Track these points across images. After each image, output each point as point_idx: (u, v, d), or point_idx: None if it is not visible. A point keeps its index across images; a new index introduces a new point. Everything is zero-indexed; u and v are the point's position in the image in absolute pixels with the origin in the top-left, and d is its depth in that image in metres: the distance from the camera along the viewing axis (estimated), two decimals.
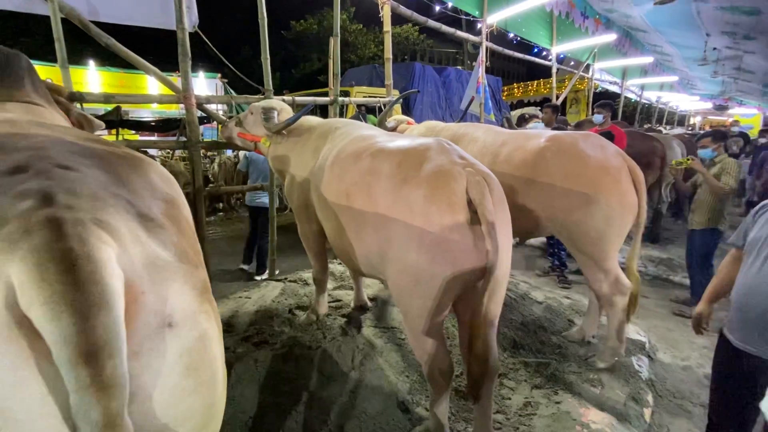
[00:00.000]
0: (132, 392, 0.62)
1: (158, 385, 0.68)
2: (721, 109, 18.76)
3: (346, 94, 6.47)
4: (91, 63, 10.18)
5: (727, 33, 7.25)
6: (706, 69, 10.11)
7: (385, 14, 4.24)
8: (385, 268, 1.69)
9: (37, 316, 0.56)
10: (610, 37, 8.04)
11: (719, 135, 4.08)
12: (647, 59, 10.11)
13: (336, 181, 1.94)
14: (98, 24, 2.75)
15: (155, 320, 0.69)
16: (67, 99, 1.46)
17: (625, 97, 11.88)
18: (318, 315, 2.82)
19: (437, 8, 5.70)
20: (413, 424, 2.01)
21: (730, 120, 16.67)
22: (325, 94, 5.17)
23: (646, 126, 12.55)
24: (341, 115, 4.34)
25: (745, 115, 18.62)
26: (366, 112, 5.84)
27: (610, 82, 11.58)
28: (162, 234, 0.76)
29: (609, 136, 3.97)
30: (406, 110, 7.21)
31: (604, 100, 5.04)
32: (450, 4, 5.38)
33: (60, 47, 2.49)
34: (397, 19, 4.70)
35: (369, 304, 3.07)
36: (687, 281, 4.43)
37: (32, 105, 1.20)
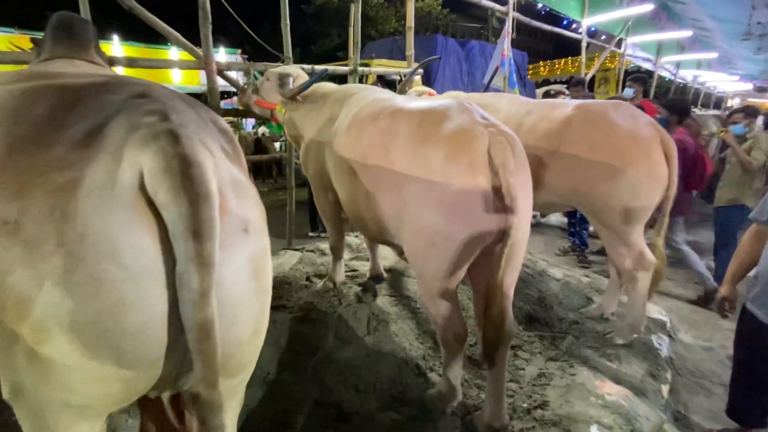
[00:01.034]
0: (216, 279, 0.75)
1: (233, 279, 0.82)
2: (762, 91, 17.63)
3: (365, 65, 6.36)
4: (115, 38, 10.31)
5: None
6: (749, 45, 9.44)
7: None
8: (401, 231, 1.67)
9: (162, 198, 0.73)
10: (647, 7, 7.55)
11: (751, 110, 3.90)
12: (685, 33, 9.49)
13: (352, 144, 1.91)
14: None
15: (236, 222, 0.83)
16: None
17: (659, 76, 11.27)
18: (334, 282, 2.85)
19: None
20: (427, 387, 2.04)
21: None
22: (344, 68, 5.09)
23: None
24: None
25: None
26: (385, 85, 5.74)
27: (644, 59, 10.96)
28: (237, 163, 0.94)
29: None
30: (427, 83, 7.03)
31: (636, 74, 4.79)
32: None
33: (84, 6, 2.51)
34: None
35: (384, 274, 3.08)
36: (712, 263, 4.28)
37: (94, 64, 1.41)
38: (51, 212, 0.71)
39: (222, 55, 10.71)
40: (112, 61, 2.57)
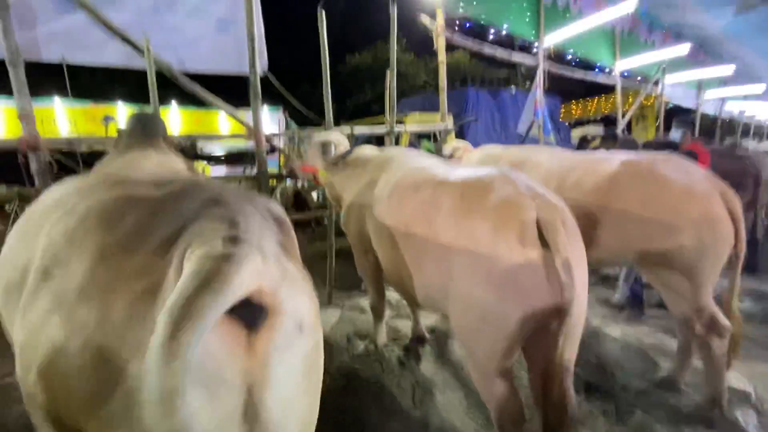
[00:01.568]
0: (269, 379, 0.77)
1: (285, 378, 0.82)
2: None
3: (400, 122, 6.61)
4: (173, 102, 11.48)
5: None
6: None
7: (440, 45, 4.32)
8: (448, 304, 1.63)
9: (185, 272, 0.73)
10: (683, 48, 7.45)
11: None
12: (727, 68, 9.21)
13: (395, 212, 1.93)
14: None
15: (292, 323, 0.84)
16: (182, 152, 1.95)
17: (703, 112, 10.87)
18: (376, 345, 2.78)
19: (491, 35, 5.69)
20: None
21: None
22: (379, 123, 5.32)
23: (728, 141, 11.32)
24: (396, 143, 4.42)
25: None
26: (419, 137, 5.90)
27: (684, 97, 10.67)
28: (293, 258, 0.96)
29: (691, 155, 3.62)
30: (460, 135, 7.16)
31: (682, 116, 4.63)
32: (505, 30, 5.36)
33: (153, 96, 2.83)
34: (450, 47, 4.77)
35: (427, 336, 2.98)
36: None
37: (162, 152, 1.65)
38: (129, 321, 0.75)
39: (265, 112, 11.54)
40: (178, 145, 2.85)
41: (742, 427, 2.25)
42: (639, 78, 8.84)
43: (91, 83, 14.81)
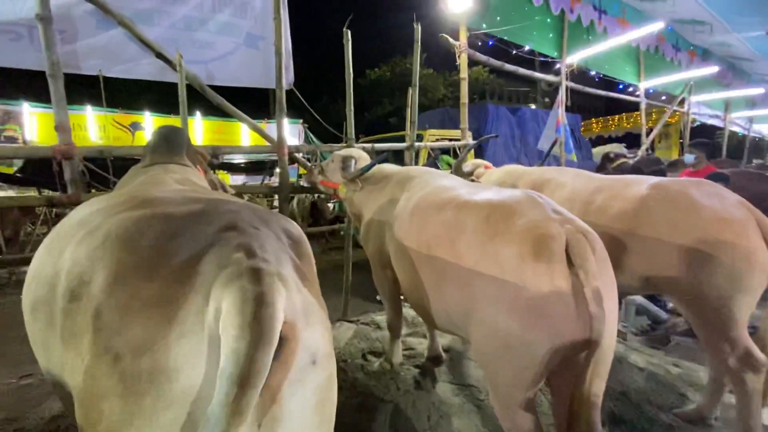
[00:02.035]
0: (281, 415, 0.76)
1: (297, 414, 0.80)
2: None
3: (419, 137, 6.63)
4: (198, 114, 11.85)
5: None
6: None
7: (462, 62, 4.34)
8: (469, 329, 1.59)
9: (226, 336, 0.72)
10: (710, 69, 7.31)
11: None
12: (757, 90, 8.98)
13: (416, 232, 1.92)
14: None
15: (306, 356, 0.82)
16: (207, 164, 1.99)
17: (730, 131, 10.58)
18: (391, 364, 2.74)
19: (513, 51, 5.70)
20: None
21: None
22: (400, 138, 5.35)
23: (757, 162, 10.96)
24: (415, 158, 4.42)
25: None
26: (439, 152, 5.90)
27: (710, 116, 10.42)
28: (308, 283, 0.92)
29: (721, 178, 3.50)
30: (480, 151, 7.14)
31: (700, 138, 4.51)
32: (528, 48, 5.36)
33: (183, 108, 2.93)
34: (470, 62, 4.79)
35: (444, 355, 2.92)
36: None
37: (185, 167, 1.66)
38: (145, 350, 0.74)
39: (285, 125, 11.79)
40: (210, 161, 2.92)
41: None
42: (663, 96, 8.69)
43: (120, 92, 15.43)
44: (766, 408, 2.28)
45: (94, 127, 9.32)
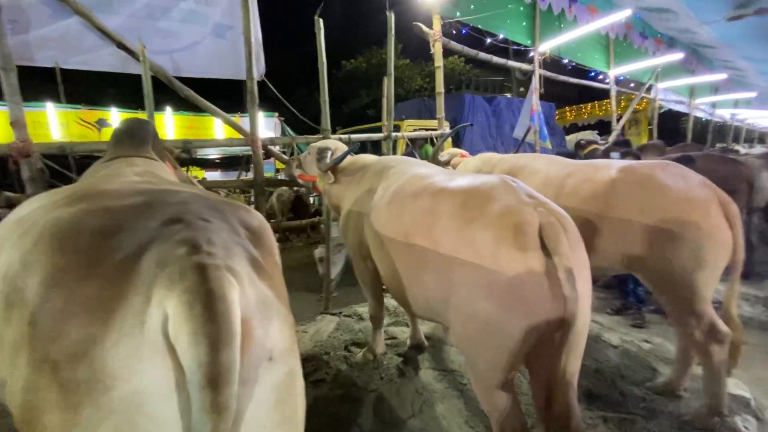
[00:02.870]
0: (237, 418, 0.72)
1: (255, 414, 0.77)
2: None
3: (396, 128, 6.61)
4: (168, 109, 11.42)
5: None
6: None
7: (436, 51, 4.33)
8: (449, 315, 1.60)
9: (181, 343, 0.69)
10: (676, 56, 7.57)
11: None
12: (719, 76, 9.35)
13: (394, 221, 1.91)
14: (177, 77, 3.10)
15: (261, 353, 0.79)
16: (175, 158, 1.90)
17: (695, 116, 11.01)
18: (374, 354, 2.75)
19: (487, 41, 5.72)
20: None
21: None
22: (377, 129, 5.32)
23: (719, 146, 11.47)
24: (393, 149, 4.41)
25: None
26: (418, 143, 5.89)
27: (676, 102, 10.81)
28: (266, 277, 0.88)
29: (686, 161, 3.63)
30: (457, 141, 7.19)
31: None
32: (501, 36, 5.40)
33: (149, 101, 2.80)
34: (445, 52, 4.78)
35: (426, 342, 2.95)
36: None
37: (151, 159, 1.58)
38: (82, 357, 0.69)
39: (261, 118, 11.49)
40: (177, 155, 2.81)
41: None
42: (632, 84, 8.94)
43: (84, 87, 14.71)
44: (730, 377, 2.42)
45: (56, 125, 8.85)
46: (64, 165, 2.74)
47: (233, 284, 0.76)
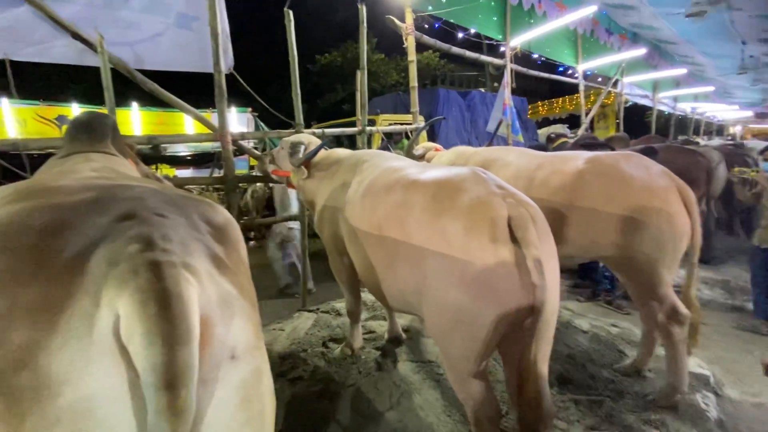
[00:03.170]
0: (195, 419, 0.69)
1: (217, 414, 0.75)
2: (762, 116, 17.85)
3: (372, 122, 6.58)
4: (134, 104, 10.93)
5: (764, 40, 6.95)
6: (745, 78, 9.68)
7: (409, 44, 4.32)
8: (422, 306, 1.62)
9: (134, 345, 0.66)
10: (639, 51, 7.86)
11: None
12: (680, 71, 9.78)
13: (367, 215, 1.91)
14: (140, 70, 2.97)
15: (222, 352, 0.76)
16: (136, 153, 1.81)
17: (658, 110, 11.49)
18: (352, 349, 2.75)
19: (460, 35, 5.77)
20: None
21: None
22: (352, 124, 5.28)
23: (681, 138, 12.03)
24: (368, 143, 4.39)
25: None
26: (394, 139, 5.90)
27: (641, 96, 11.24)
28: (229, 273, 0.85)
29: (650, 152, 3.79)
30: (432, 135, 7.23)
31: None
32: (473, 30, 5.45)
33: (108, 95, 2.67)
34: (420, 47, 4.79)
35: (403, 335, 2.97)
36: (748, 305, 4.08)
37: (110, 155, 1.51)
38: (27, 364, 0.65)
39: (233, 113, 11.21)
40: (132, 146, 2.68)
41: (702, 410, 2.38)
42: (599, 78, 9.22)
43: (42, 82, 13.91)
44: (690, 357, 2.55)
45: (12, 121, 8.34)
46: (19, 165, 2.58)
47: (190, 282, 0.74)
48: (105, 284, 0.70)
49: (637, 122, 16.42)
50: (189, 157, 10.39)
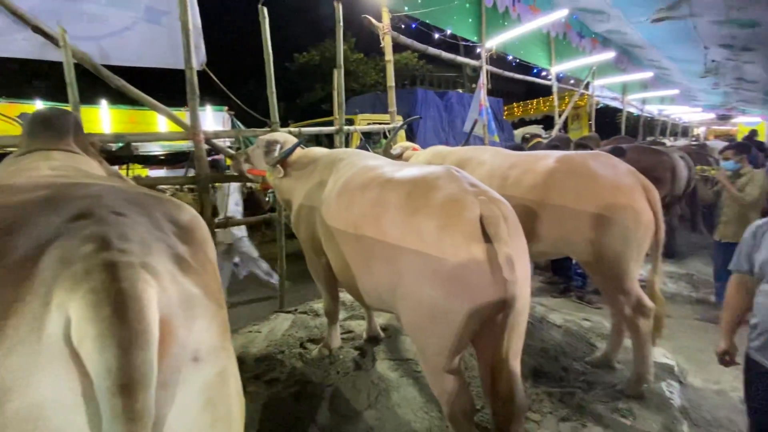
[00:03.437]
0: (155, 423, 0.67)
1: (179, 417, 0.72)
2: (724, 118, 18.79)
3: (350, 122, 6.57)
4: (103, 102, 10.50)
5: (725, 45, 7.32)
6: (707, 81, 10.17)
7: (386, 44, 4.34)
8: (397, 303, 1.62)
9: (86, 349, 0.64)
10: (609, 54, 8.14)
11: (742, 147, 4.04)
12: (647, 74, 10.19)
13: (343, 213, 1.90)
14: (110, 66, 2.86)
15: (184, 354, 0.74)
16: (98, 152, 1.73)
17: (627, 112, 11.93)
18: (330, 349, 2.73)
19: (436, 36, 5.83)
20: None
21: (735, 129, 16.65)
22: (330, 123, 5.25)
23: (649, 139, 12.54)
24: (346, 143, 4.38)
25: (749, 124, 18.57)
26: (373, 139, 5.90)
27: (611, 98, 11.65)
28: (193, 273, 0.83)
29: (618, 152, 3.94)
30: (410, 135, 7.27)
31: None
32: (449, 32, 5.51)
33: (72, 91, 2.56)
34: (398, 47, 4.81)
35: (381, 334, 2.98)
36: (711, 297, 4.29)
37: (72, 153, 1.44)
38: None
39: (209, 112, 10.91)
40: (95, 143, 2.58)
41: (666, 397, 2.49)
42: (572, 81, 9.50)
43: (2, 79, 13.22)
44: (655, 347, 2.66)
45: None
46: None
47: (149, 282, 0.71)
48: (56, 286, 0.67)
49: (609, 123, 17.02)
50: (162, 157, 10.03)
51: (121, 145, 5.35)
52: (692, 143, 11.31)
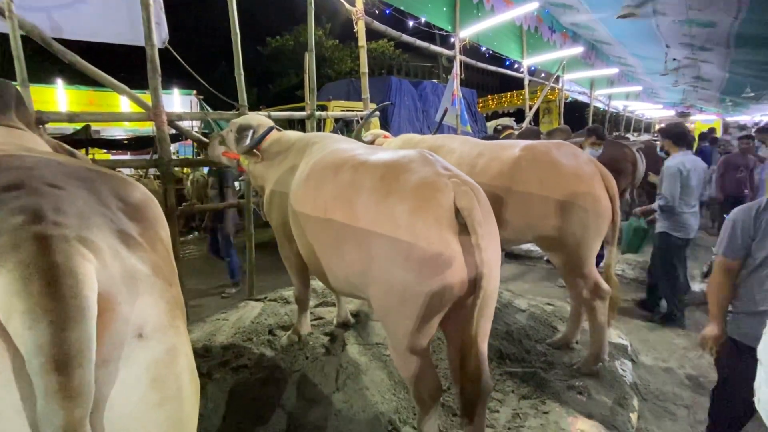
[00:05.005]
0: (96, 400, 0.65)
1: (123, 395, 0.71)
2: (683, 116, 19.77)
3: (323, 108, 6.46)
4: (59, 81, 9.84)
5: (684, 44, 7.67)
6: (668, 79, 10.65)
7: (360, 29, 4.28)
8: (368, 287, 1.62)
9: (15, 325, 0.61)
10: (577, 50, 8.36)
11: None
12: (613, 70, 10.55)
13: (312, 196, 1.87)
14: (65, 41, 2.68)
15: (126, 330, 0.72)
16: (35, 123, 1.57)
17: (594, 107, 12.34)
18: (299, 335, 2.73)
19: (411, 24, 5.80)
20: None
21: (692, 126, 17.56)
22: (303, 109, 5.16)
23: (614, 134, 13.06)
24: (319, 129, 4.31)
25: (706, 121, 19.66)
26: (344, 126, 5.84)
27: (579, 93, 12.01)
28: (140, 250, 0.81)
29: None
30: (384, 123, 7.25)
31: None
32: (423, 20, 5.50)
33: (20, 66, 2.38)
34: (373, 35, 4.75)
35: (352, 320, 3.00)
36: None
37: (14, 128, 1.32)
38: None
39: (176, 96, 10.46)
40: (42, 119, 2.41)
41: (620, 375, 2.65)
42: (543, 74, 9.71)
43: None
44: (610, 328, 2.82)
45: None
46: None
47: (86, 257, 0.69)
48: None
49: (578, 117, 17.55)
50: (126, 142, 9.54)
51: (77, 128, 5.04)
52: (653, 138, 11.86)
